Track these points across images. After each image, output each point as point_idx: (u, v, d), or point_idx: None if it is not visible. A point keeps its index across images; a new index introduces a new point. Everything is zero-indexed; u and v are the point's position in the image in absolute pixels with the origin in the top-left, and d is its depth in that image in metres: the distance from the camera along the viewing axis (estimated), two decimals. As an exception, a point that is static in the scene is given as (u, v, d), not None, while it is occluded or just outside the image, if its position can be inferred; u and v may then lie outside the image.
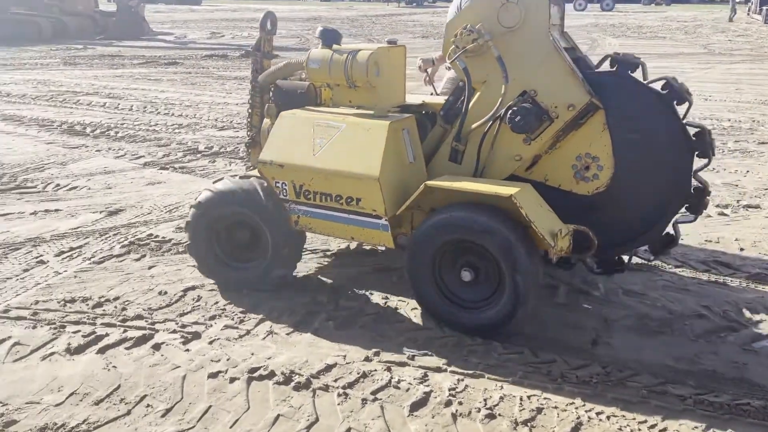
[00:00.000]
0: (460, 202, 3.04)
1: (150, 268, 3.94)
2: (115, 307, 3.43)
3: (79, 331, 3.18)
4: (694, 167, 3.05)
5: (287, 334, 3.19)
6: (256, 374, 2.84)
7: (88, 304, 3.46)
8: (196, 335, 3.15)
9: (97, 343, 3.08)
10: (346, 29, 22.57)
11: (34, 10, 19.47)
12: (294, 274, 3.77)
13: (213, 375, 2.84)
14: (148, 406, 2.66)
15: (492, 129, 3.13)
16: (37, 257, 4.07)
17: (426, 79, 4.46)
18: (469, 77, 3.14)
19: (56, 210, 4.94)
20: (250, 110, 4.01)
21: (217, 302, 3.49)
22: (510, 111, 3.04)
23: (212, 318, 3.33)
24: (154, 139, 7.22)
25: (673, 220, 3.14)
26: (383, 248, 3.91)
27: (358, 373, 2.86)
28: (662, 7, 39.08)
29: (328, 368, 2.90)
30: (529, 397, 2.70)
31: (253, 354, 3.01)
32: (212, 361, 2.95)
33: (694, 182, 3.06)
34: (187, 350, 3.04)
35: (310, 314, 3.37)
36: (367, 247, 4.25)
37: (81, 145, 6.96)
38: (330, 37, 3.51)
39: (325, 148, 3.25)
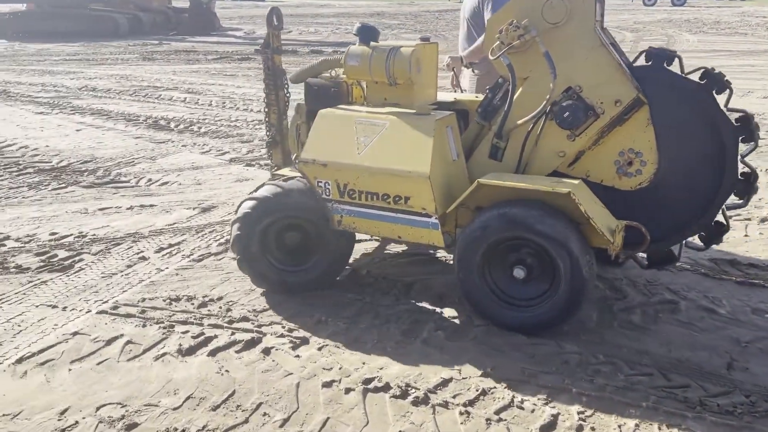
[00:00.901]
0: (511, 199, 3.00)
1: (249, 267, 3.90)
2: (220, 307, 3.41)
3: (187, 331, 3.16)
4: (742, 152, 3.02)
5: (396, 342, 3.08)
6: (371, 386, 2.75)
7: (193, 304, 3.44)
8: (305, 340, 3.08)
9: (206, 344, 3.05)
10: (411, 25, 22.42)
11: (111, 7, 20.16)
12: (396, 279, 3.68)
13: (327, 384, 2.76)
14: (264, 414, 2.59)
15: (536, 125, 3.09)
16: (138, 253, 4.11)
17: (453, 82, 4.46)
18: (513, 74, 3.08)
19: (151, 205, 5.00)
20: (266, 109, 3.88)
21: (320, 305, 3.41)
22: (557, 107, 3.02)
23: (318, 323, 3.25)
24: (236, 135, 7.27)
25: (723, 207, 3.12)
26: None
27: (477, 390, 2.72)
28: (737, 1, 37.21)
29: (445, 383, 2.78)
30: (668, 426, 2.50)
31: (364, 363, 2.91)
32: (324, 369, 2.87)
33: (741, 167, 3.01)
34: (297, 356, 2.97)
35: (416, 323, 3.25)
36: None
37: (167, 140, 7.08)
38: (368, 34, 3.43)
39: (370, 146, 3.19)
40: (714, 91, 2.95)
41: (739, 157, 2.97)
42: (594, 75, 2.99)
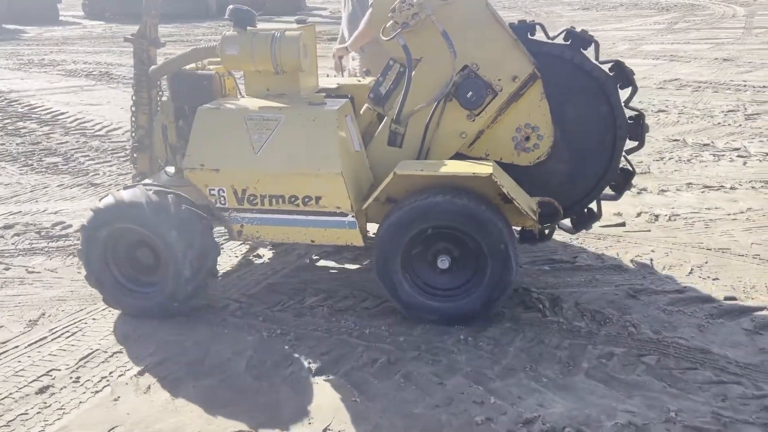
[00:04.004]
0: (427, 187, 2.86)
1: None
2: (345, 319, 3.08)
3: (316, 345, 2.86)
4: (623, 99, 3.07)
5: (553, 372, 2.66)
6: (534, 428, 2.34)
7: (318, 313, 3.14)
8: (449, 367, 2.70)
9: (338, 363, 2.74)
10: (501, 2, 21.46)
11: (202, -12, 20.31)
12: (539, 290, 3.25)
13: (481, 423, 2.38)
14: (414, 456, 2.25)
15: (438, 108, 2.96)
16: (252, 250, 3.86)
17: (338, 67, 4.16)
18: (409, 55, 2.89)
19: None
20: (134, 108, 3.38)
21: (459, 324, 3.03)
22: (458, 87, 2.91)
23: (458, 342, 2.87)
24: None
25: (623, 153, 3.14)
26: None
27: (664, 441, 2.27)
28: None
29: (621, 429, 2.33)
30: None
31: (519, 398, 2.51)
32: (474, 402, 2.49)
33: (627, 112, 3.08)
34: (441, 384, 2.60)
35: (573, 347, 2.81)
36: (608, 263, 3.62)
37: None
38: (244, 18, 3.02)
39: (267, 144, 2.89)
40: (581, 48, 3.00)
41: (622, 103, 3.03)
42: (490, 52, 2.91)
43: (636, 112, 3.10)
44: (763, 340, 2.85)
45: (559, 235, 3.85)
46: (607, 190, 3.22)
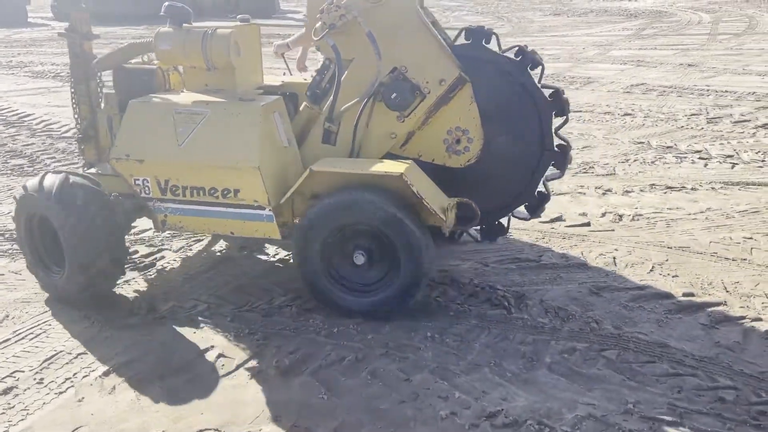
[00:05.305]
0: (346, 184, 2.92)
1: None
2: (314, 318, 3.10)
3: (282, 345, 2.88)
4: (555, 126, 3.14)
5: (517, 367, 2.71)
6: (497, 421, 2.39)
7: (287, 312, 3.15)
8: (415, 363, 2.74)
9: (306, 361, 2.76)
10: (471, 6, 21.69)
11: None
12: (504, 288, 3.30)
13: (446, 417, 2.42)
14: (379, 451, 2.28)
15: (366, 108, 3.04)
16: (220, 251, 3.85)
17: (298, 66, 4.19)
18: (339, 55, 2.99)
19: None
20: (75, 101, 3.48)
21: (426, 320, 3.06)
22: (384, 88, 2.99)
23: (425, 339, 2.91)
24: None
25: (543, 178, 3.22)
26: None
27: (622, 432, 2.34)
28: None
29: (581, 421, 2.40)
30: None
31: (484, 392, 2.56)
32: (439, 397, 2.53)
33: (556, 140, 3.14)
34: (408, 380, 2.64)
35: (537, 343, 2.88)
36: (572, 262, 3.70)
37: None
38: (180, 15, 3.13)
39: (191, 137, 2.96)
40: (528, 68, 3.05)
41: (553, 130, 3.10)
42: (418, 55, 2.99)
43: (564, 142, 3.16)
44: (718, 334, 2.94)
45: (526, 236, 3.95)
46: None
